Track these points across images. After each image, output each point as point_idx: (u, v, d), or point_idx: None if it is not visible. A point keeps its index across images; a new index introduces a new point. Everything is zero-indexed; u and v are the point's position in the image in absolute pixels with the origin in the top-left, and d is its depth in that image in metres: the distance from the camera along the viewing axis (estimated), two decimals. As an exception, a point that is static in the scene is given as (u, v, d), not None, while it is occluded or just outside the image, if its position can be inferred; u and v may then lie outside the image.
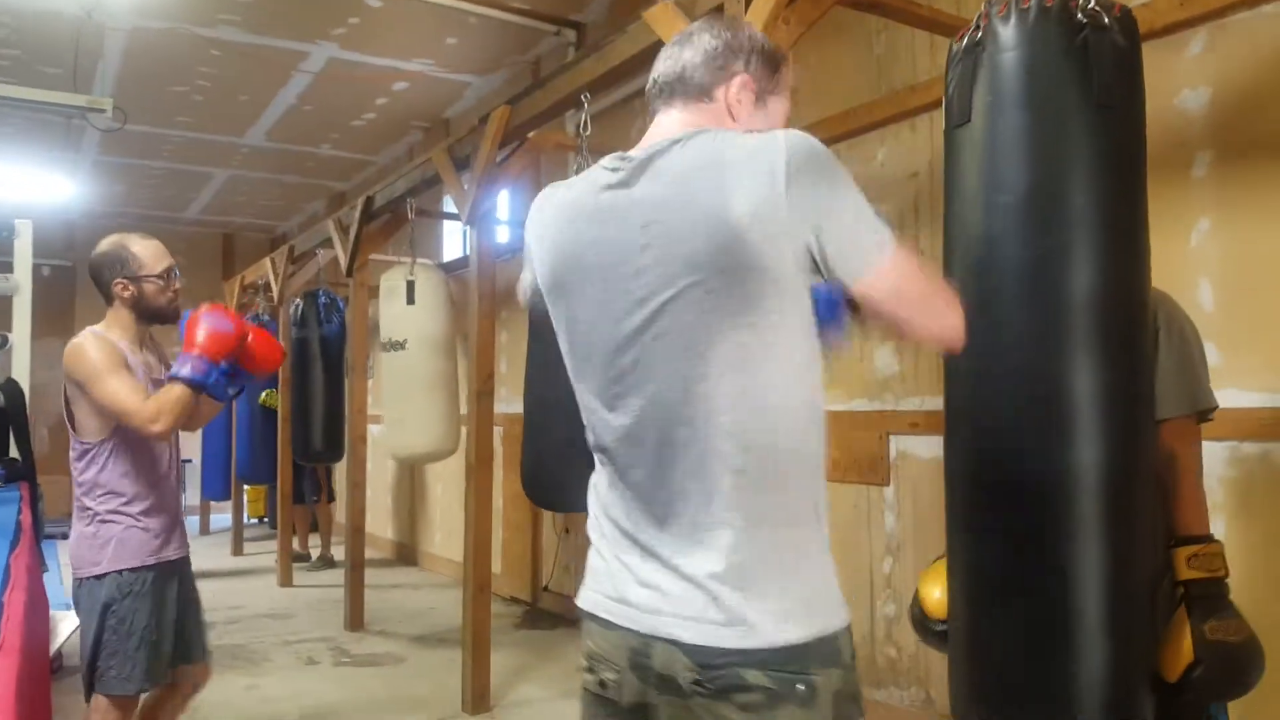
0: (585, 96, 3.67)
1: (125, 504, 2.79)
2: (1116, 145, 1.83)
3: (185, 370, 2.71)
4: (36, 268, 5.72)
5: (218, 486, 9.44)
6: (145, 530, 2.80)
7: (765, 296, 1.31)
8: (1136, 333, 1.85)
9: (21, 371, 5.33)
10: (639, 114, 5.64)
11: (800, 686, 1.31)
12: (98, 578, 2.76)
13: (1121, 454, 1.78)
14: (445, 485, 7.80)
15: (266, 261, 7.96)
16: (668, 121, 1.49)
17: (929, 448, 3.74)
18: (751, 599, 1.31)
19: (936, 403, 3.67)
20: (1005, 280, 1.85)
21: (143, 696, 2.90)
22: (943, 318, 1.41)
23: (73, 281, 11.62)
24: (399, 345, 5.40)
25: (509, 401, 5.95)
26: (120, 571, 2.76)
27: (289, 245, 7.66)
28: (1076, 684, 1.74)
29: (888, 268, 1.34)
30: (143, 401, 2.66)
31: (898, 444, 3.91)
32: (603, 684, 1.44)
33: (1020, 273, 1.83)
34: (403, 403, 5.39)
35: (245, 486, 9.22)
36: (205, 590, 3.09)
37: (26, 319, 5.42)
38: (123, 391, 2.66)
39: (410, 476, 8.67)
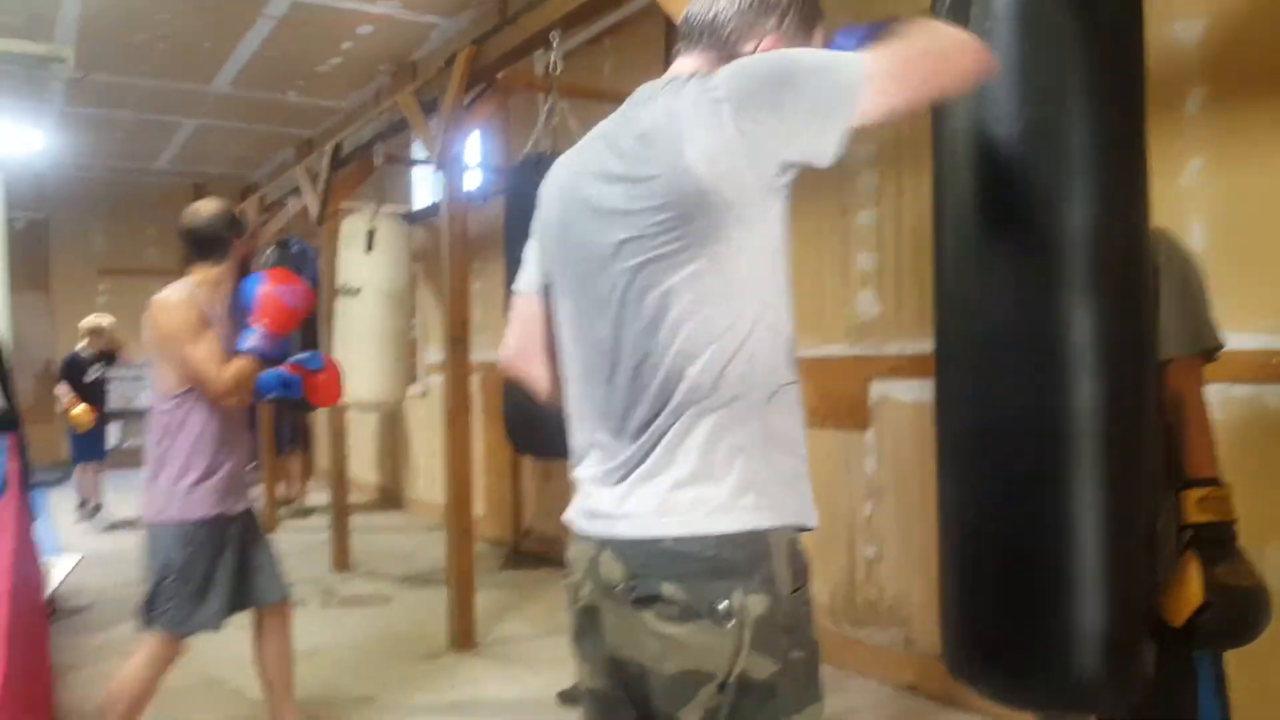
0: (555, 34, 3.66)
1: (193, 457, 2.89)
2: (1116, 75, 1.76)
3: (252, 344, 2.86)
4: (10, 221, 5.68)
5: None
6: (210, 484, 2.90)
7: (726, 228, 1.33)
8: (1136, 271, 1.78)
9: (0, 323, 5.30)
10: (611, 53, 5.60)
11: (717, 605, 1.33)
12: (163, 524, 2.88)
13: (1120, 395, 1.71)
14: (426, 431, 7.85)
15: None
16: (681, 66, 1.49)
17: (911, 392, 3.77)
18: (688, 490, 1.36)
19: (919, 346, 3.70)
20: (998, 217, 1.78)
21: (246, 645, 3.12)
22: (956, 65, 1.37)
23: (46, 234, 11.53)
24: (354, 292, 5.39)
25: (484, 349, 5.96)
26: (183, 522, 2.88)
27: (260, 194, 7.61)
28: (1074, 634, 1.69)
29: (874, 91, 1.31)
30: (221, 371, 2.80)
31: (879, 389, 3.92)
32: (574, 588, 1.51)
33: (1014, 208, 1.76)
34: (352, 349, 5.36)
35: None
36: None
37: (3, 271, 5.39)
38: (203, 359, 2.79)
39: (392, 423, 8.72)
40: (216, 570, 2.93)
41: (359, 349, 5.36)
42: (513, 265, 3.58)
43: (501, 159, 6.43)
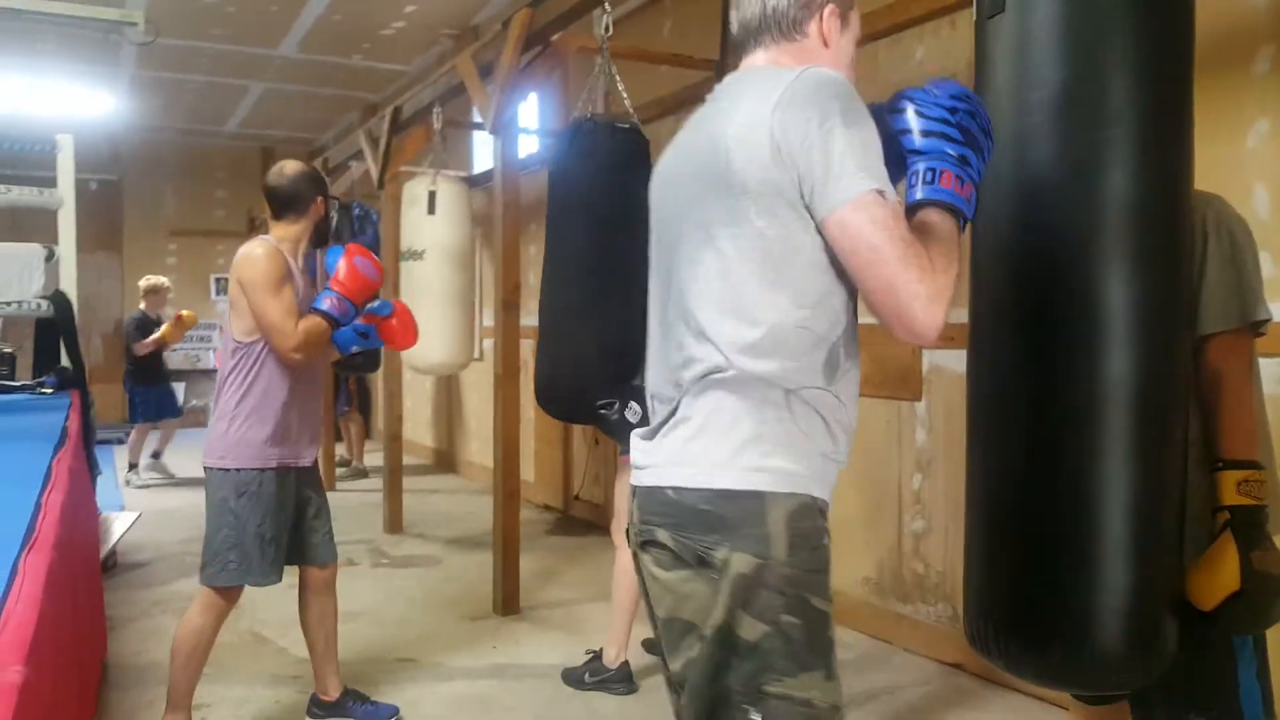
0: (608, -4, 3.61)
1: (258, 407, 2.93)
2: (1159, 36, 1.70)
3: (327, 305, 2.93)
4: (83, 182, 5.81)
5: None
6: (271, 434, 2.94)
7: (747, 213, 1.39)
8: (1175, 240, 1.72)
9: (69, 283, 5.42)
10: (668, 14, 5.54)
11: (704, 556, 1.40)
12: (223, 470, 2.93)
13: (1152, 367, 1.67)
14: (480, 395, 7.91)
15: (303, 174, 7.98)
16: (753, 61, 1.56)
17: (963, 362, 3.67)
18: (695, 443, 1.43)
19: (973, 316, 3.63)
20: (1036, 182, 1.74)
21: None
22: (913, 300, 1.34)
23: (119, 195, 11.77)
24: (418, 255, 5.43)
25: (537, 314, 5.97)
26: (240, 470, 2.91)
27: (324, 157, 7.68)
28: (1095, 608, 1.67)
29: (859, 206, 1.33)
30: (293, 325, 2.85)
31: (931, 358, 3.86)
32: (628, 533, 1.60)
33: (1052, 174, 1.72)
34: (418, 312, 5.38)
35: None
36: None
37: (71, 232, 5.50)
38: (278, 312, 2.83)
39: (447, 386, 8.80)
40: (275, 523, 2.96)
41: (425, 312, 5.36)
42: (554, 228, 3.58)
43: (558, 123, 6.41)
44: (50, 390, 5.13)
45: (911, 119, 1.47)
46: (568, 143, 3.48)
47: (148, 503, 6.81)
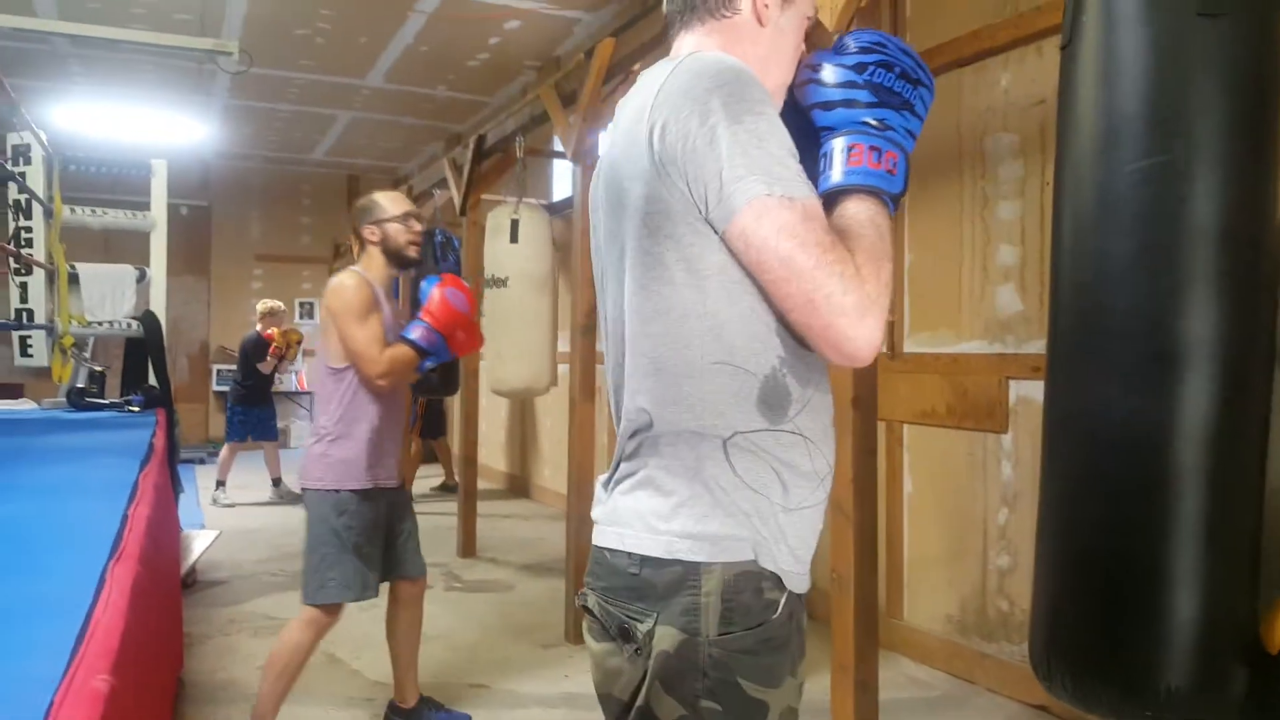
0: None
1: (352, 429, 3.03)
2: (1242, 64, 1.67)
3: (416, 335, 3.02)
4: (174, 207, 5.97)
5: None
6: (365, 456, 3.04)
7: (644, 238, 1.22)
8: (1257, 270, 1.69)
9: (159, 304, 5.58)
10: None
11: (626, 626, 1.24)
12: (319, 491, 3.03)
13: (1231, 399, 1.64)
14: (555, 420, 7.93)
15: (387, 202, 8.13)
16: (678, 47, 1.38)
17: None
18: (630, 499, 1.28)
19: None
20: (1115, 211, 1.72)
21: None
22: (838, 316, 1.14)
23: (208, 220, 12.11)
24: (501, 282, 5.49)
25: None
26: (338, 490, 3.01)
27: (408, 185, 7.81)
28: (1163, 646, 1.64)
29: (759, 213, 1.14)
30: (379, 352, 2.95)
31: (1018, 389, 3.75)
32: None
33: (1131, 203, 1.70)
34: (502, 338, 5.50)
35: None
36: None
37: (162, 254, 5.67)
38: (364, 340, 2.94)
39: (522, 411, 8.84)
40: (371, 541, 3.06)
41: (510, 337, 5.50)
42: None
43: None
44: (137, 408, 5.26)
45: (816, 91, 1.28)
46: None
47: (227, 522, 6.94)
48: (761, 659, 1.21)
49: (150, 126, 8.38)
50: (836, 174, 1.23)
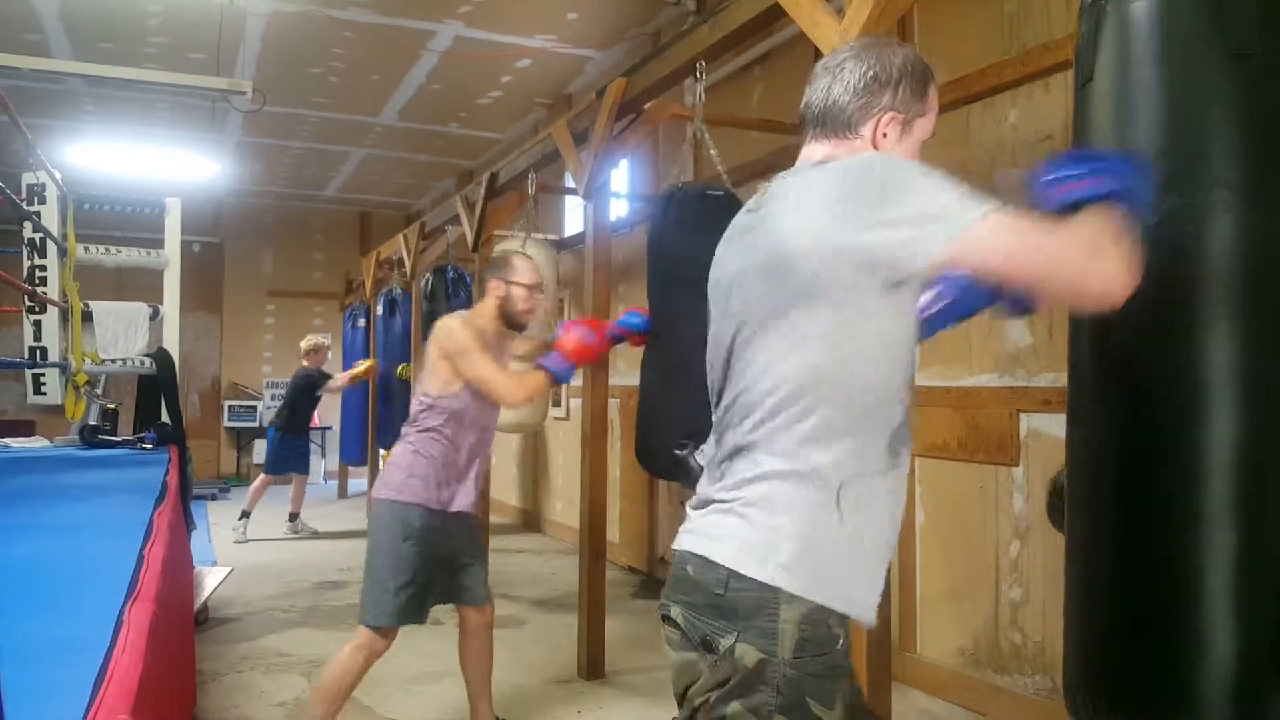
0: (700, 65, 3.66)
1: (434, 451, 3.22)
2: (1259, 99, 1.67)
3: (552, 364, 3.25)
4: (187, 244, 6.02)
5: (356, 451, 9.81)
6: (438, 479, 3.21)
7: (809, 309, 1.40)
8: None
9: (172, 341, 5.61)
10: (759, 81, 5.58)
11: (709, 639, 1.40)
12: (388, 503, 3.20)
13: (1258, 430, 1.63)
14: (566, 454, 7.93)
15: (400, 238, 8.21)
16: (808, 152, 1.57)
17: (1062, 426, 3.58)
18: (734, 525, 1.43)
19: (1074, 379, 3.55)
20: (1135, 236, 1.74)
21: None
22: (1084, 267, 1.32)
23: (221, 257, 12.20)
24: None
25: (625, 374, 5.99)
26: (410, 505, 3.17)
27: (420, 222, 7.87)
28: (1198, 680, 1.62)
29: (977, 229, 1.31)
30: (506, 376, 3.20)
31: (1029, 422, 3.75)
32: None
33: (1153, 238, 1.70)
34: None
35: (382, 451, 9.57)
36: (339, 551, 3.28)
37: (176, 291, 5.70)
38: (490, 368, 3.17)
39: (534, 445, 8.84)
40: (435, 564, 3.18)
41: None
42: (655, 290, 3.62)
43: (649, 187, 6.48)
44: (150, 445, 5.28)
45: (1034, 176, 1.46)
46: (666, 209, 3.52)
47: (240, 558, 6.93)
48: (826, 683, 1.38)
49: (163, 164, 8.48)
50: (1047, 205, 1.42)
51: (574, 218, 8.24)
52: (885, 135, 1.53)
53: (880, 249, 1.34)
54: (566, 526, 7.87)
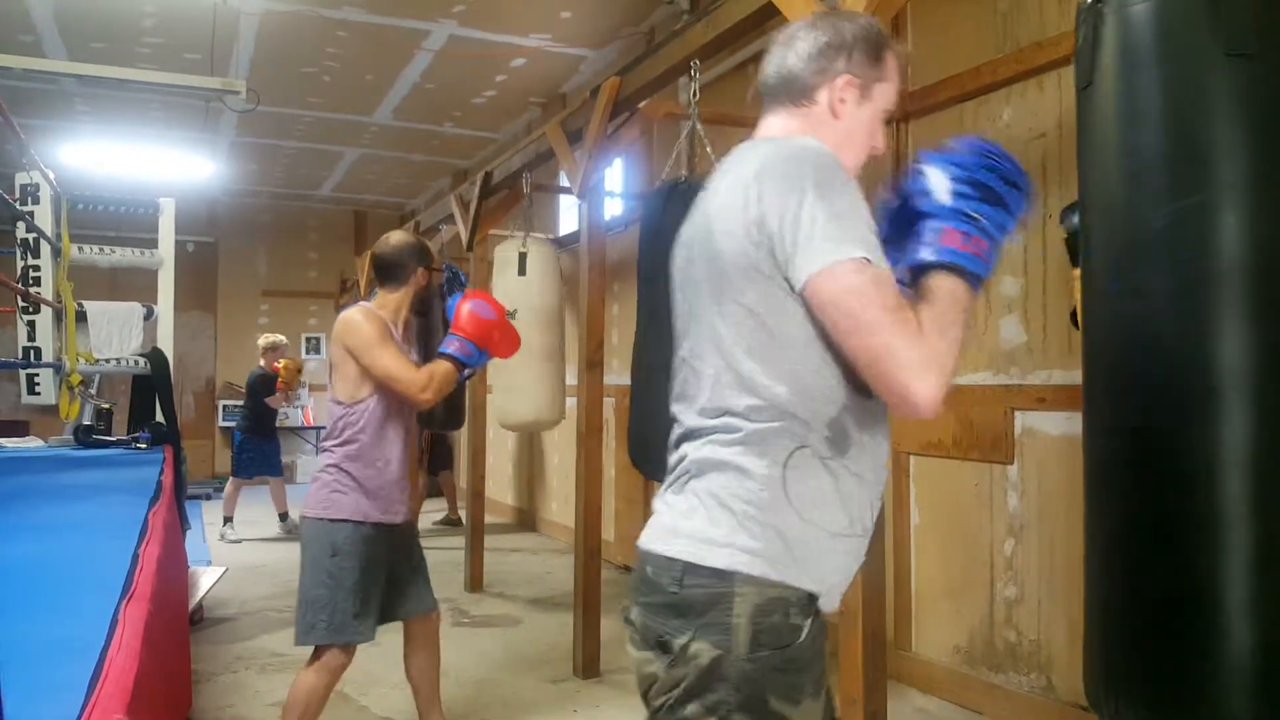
0: (694, 64, 3.66)
1: (357, 465, 3.02)
2: (1260, 97, 1.69)
3: (453, 349, 3.05)
4: (181, 244, 6.01)
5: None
6: (368, 491, 3.02)
7: (735, 290, 1.38)
8: None
9: (166, 341, 5.59)
10: (751, 79, 5.56)
11: (663, 639, 1.37)
12: (316, 521, 3.01)
13: (1274, 430, 1.65)
14: (562, 454, 7.93)
15: (393, 237, 8.19)
16: (766, 125, 1.56)
17: (1058, 424, 3.60)
18: (679, 514, 1.41)
19: (1066, 376, 3.55)
20: (1149, 250, 1.74)
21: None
22: (902, 369, 1.27)
23: (215, 257, 12.18)
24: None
25: (620, 373, 6.00)
26: (337, 521, 2.99)
27: (415, 221, 7.87)
28: (1220, 676, 1.64)
29: (831, 275, 1.28)
30: (413, 371, 2.97)
31: (1024, 420, 3.76)
32: None
33: (1159, 239, 1.72)
34: (511, 372, 5.49)
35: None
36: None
37: (170, 291, 5.69)
38: (394, 361, 2.97)
39: (529, 444, 8.85)
40: (370, 579, 3.01)
41: (519, 371, 5.48)
42: (645, 289, 3.62)
43: (643, 186, 6.48)
44: (145, 445, 5.27)
45: (921, 182, 1.42)
46: (660, 203, 3.52)
47: (234, 558, 6.93)
48: (789, 677, 1.33)
49: (157, 164, 8.46)
50: (926, 251, 1.37)
51: (568, 216, 8.24)
52: (844, 100, 1.50)
53: (775, 241, 1.33)
54: (562, 526, 7.87)
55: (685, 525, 1.39)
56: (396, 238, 3.26)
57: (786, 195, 1.32)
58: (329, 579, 2.95)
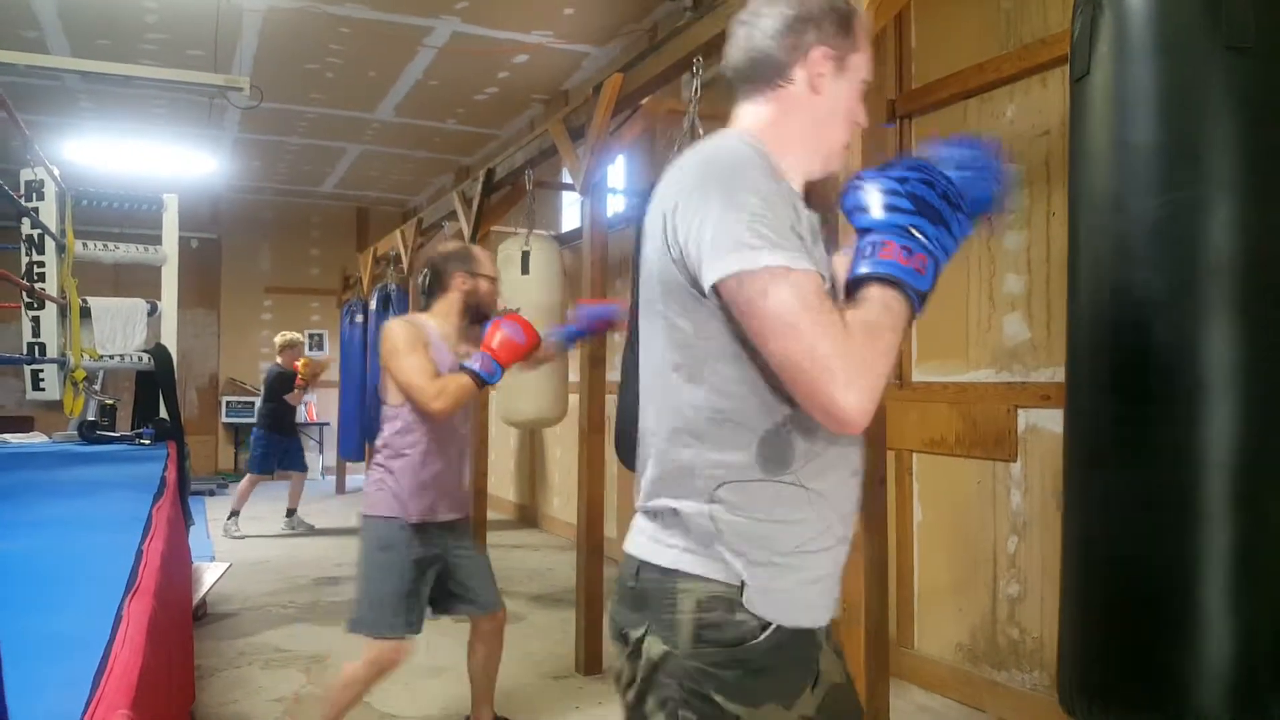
0: (697, 60, 3.65)
1: (405, 464, 3.11)
2: (1256, 92, 1.68)
3: (476, 364, 3.08)
4: (185, 240, 6.01)
5: (353, 448, 9.79)
6: (416, 490, 3.10)
7: (660, 302, 1.36)
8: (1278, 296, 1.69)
9: (169, 337, 5.60)
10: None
11: (624, 632, 1.38)
12: (369, 519, 3.13)
13: (1259, 427, 1.64)
14: (564, 450, 7.94)
15: (397, 234, 8.21)
16: (738, 115, 1.46)
17: (1061, 422, 3.59)
18: (643, 519, 1.42)
19: (1072, 374, 3.56)
20: (1137, 244, 1.73)
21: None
22: (826, 379, 1.17)
23: (219, 254, 12.19)
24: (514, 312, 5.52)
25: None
26: (381, 518, 3.10)
27: (418, 218, 7.87)
28: (1195, 674, 1.63)
29: (744, 276, 1.21)
30: (427, 381, 3.00)
31: (1027, 418, 3.76)
32: None
33: (1150, 233, 1.71)
34: (513, 368, 5.46)
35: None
36: (337, 547, 3.24)
37: (173, 288, 5.70)
38: (413, 370, 3.02)
39: (531, 441, 8.85)
40: (412, 576, 3.09)
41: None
42: (634, 286, 3.62)
43: (645, 183, 6.48)
44: (148, 441, 5.28)
45: (858, 198, 1.34)
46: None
47: (238, 554, 6.94)
48: (731, 674, 1.29)
49: (161, 160, 8.47)
50: (863, 265, 1.28)
51: (571, 213, 8.24)
52: (822, 75, 1.40)
53: (686, 253, 1.28)
54: (564, 522, 7.88)
55: (645, 524, 1.41)
56: (442, 247, 3.36)
57: (695, 204, 1.27)
58: (375, 573, 3.07)
